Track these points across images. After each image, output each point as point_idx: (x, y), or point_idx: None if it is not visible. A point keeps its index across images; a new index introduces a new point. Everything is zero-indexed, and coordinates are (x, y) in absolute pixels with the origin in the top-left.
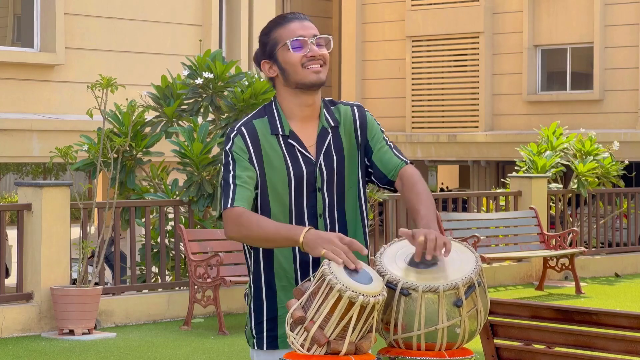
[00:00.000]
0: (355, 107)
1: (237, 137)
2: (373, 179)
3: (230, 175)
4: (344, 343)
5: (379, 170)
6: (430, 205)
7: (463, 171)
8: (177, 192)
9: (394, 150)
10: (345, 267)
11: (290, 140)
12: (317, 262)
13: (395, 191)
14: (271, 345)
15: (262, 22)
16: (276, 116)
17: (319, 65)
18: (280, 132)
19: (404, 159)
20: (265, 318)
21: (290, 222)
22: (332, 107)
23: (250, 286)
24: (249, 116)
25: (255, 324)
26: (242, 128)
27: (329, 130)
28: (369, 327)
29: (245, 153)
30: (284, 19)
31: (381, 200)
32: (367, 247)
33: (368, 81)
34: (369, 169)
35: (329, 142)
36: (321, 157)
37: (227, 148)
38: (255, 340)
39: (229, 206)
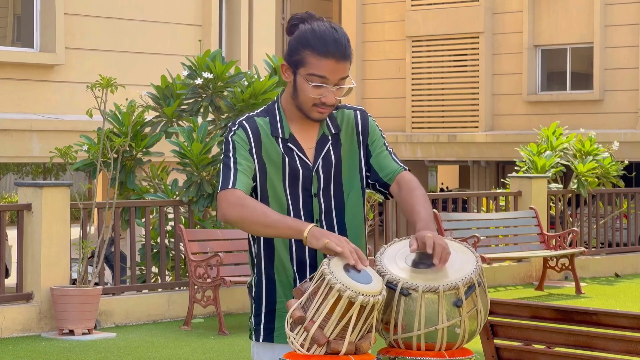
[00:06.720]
0: (358, 112)
1: (239, 130)
2: (369, 181)
3: (232, 160)
4: (343, 343)
5: (376, 173)
6: (429, 208)
7: (463, 171)
8: (177, 192)
9: (393, 156)
10: (345, 267)
11: (289, 144)
12: (314, 262)
13: (388, 196)
14: (267, 338)
15: (262, 22)
16: (277, 118)
17: (327, 110)
18: (280, 135)
19: (403, 165)
20: (263, 310)
21: None
22: (334, 112)
23: (254, 276)
24: (252, 113)
25: (255, 316)
26: (244, 122)
27: (329, 137)
28: (369, 327)
29: (246, 144)
30: (325, 47)
31: (381, 200)
32: (366, 250)
33: (368, 81)
34: (367, 172)
35: (328, 149)
36: (319, 162)
37: (228, 137)
38: (253, 332)
39: (229, 187)
